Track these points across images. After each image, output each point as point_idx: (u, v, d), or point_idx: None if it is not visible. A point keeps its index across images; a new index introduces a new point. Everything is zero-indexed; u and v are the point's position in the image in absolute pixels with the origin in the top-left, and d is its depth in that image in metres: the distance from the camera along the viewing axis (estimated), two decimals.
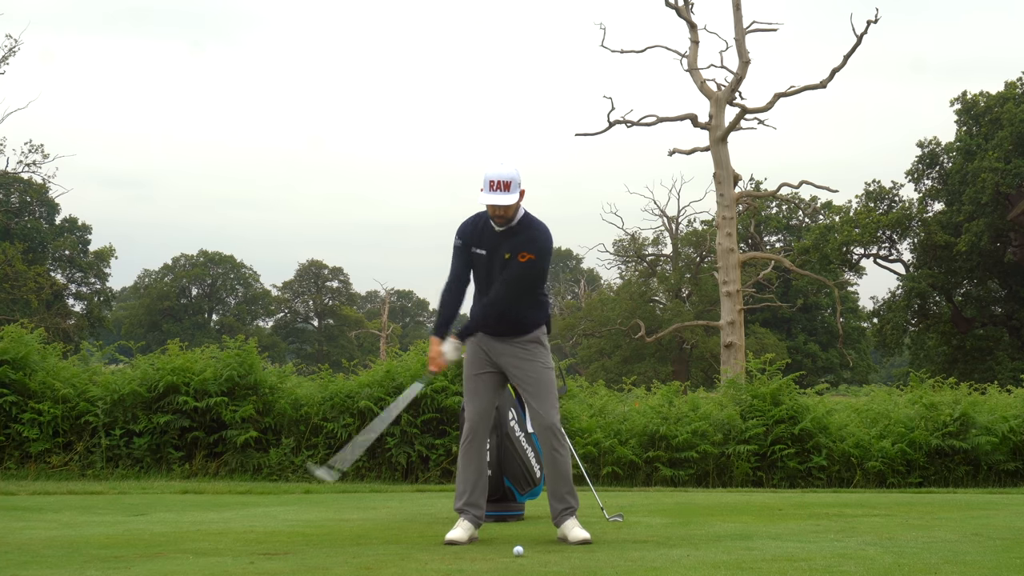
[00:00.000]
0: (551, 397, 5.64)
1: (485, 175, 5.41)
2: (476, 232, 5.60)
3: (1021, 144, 37.79)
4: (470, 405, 5.73)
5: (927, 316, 42.17)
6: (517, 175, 5.42)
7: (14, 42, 40.00)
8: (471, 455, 5.67)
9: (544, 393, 5.63)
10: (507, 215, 5.47)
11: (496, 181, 5.39)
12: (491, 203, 5.41)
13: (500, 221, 5.50)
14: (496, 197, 5.39)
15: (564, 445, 5.65)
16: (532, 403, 5.67)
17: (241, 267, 79.86)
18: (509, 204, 5.40)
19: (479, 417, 5.69)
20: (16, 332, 11.02)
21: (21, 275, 43.97)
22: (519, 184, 5.43)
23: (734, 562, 4.70)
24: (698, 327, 42.88)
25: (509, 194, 5.39)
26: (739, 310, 25.22)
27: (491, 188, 5.40)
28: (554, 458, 5.61)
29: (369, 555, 4.97)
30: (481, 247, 5.58)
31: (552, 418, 5.61)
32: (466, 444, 5.68)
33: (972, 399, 11.65)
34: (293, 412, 10.89)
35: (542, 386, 5.64)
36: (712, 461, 10.83)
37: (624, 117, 26.71)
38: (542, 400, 5.62)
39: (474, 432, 5.68)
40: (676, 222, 53.46)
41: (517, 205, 5.50)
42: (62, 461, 10.41)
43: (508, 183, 5.39)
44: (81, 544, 5.32)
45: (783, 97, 26.00)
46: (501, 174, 5.39)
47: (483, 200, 5.43)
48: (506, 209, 5.44)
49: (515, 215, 5.53)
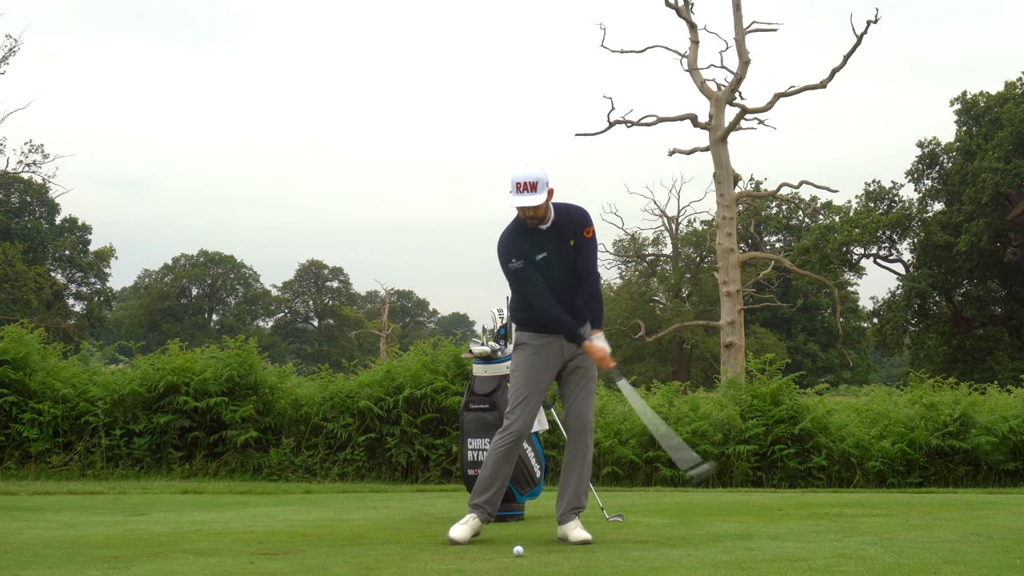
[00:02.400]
0: (594, 394, 5.76)
1: (512, 177, 5.43)
2: (524, 243, 5.55)
3: (1021, 144, 37.77)
4: (525, 410, 5.62)
5: (927, 316, 42.16)
6: (544, 175, 5.43)
7: (14, 42, 40.00)
8: (508, 457, 5.63)
9: (592, 388, 5.74)
10: (537, 215, 5.47)
11: (523, 183, 5.40)
12: (520, 205, 5.42)
13: (532, 222, 5.50)
14: (524, 199, 5.40)
15: (592, 443, 5.72)
16: (577, 397, 5.69)
17: (241, 267, 79.88)
18: (538, 204, 5.41)
19: (528, 425, 5.66)
20: (16, 332, 11.03)
21: (21, 275, 43.94)
22: (547, 184, 5.44)
23: (734, 562, 4.70)
24: (698, 327, 42.90)
25: (537, 194, 5.40)
26: (739, 310, 25.22)
27: (518, 190, 5.41)
28: (584, 454, 5.66)
29: (369, 555, 4.97)
30: (541, 251, 5.55)
31: (591, 415, 5.70)
32: (508, 447, 5.62)
33: (972, 399, 11.65)
34: (293, 412, 10.90)
35: (592, 381, 5.75)
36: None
37: (624, 117, 26.71)
38: (588, 396, 5.70)
39: (520, 436, 5.64)
40: (676, 222, 53.52)
41: (546, 204, 5.50)
42: (62, 461, 10.41)
43: (535, 183, 5.40)
44: (81, 544, 5.32)
45: (783, 97, 26.00)
46: (527, 175, 5.40)
47: (511, 203, 5.44)
48: (536, 209, 5.44)
49: (547, 213, 5.53)
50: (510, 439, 5.62)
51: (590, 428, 5.68)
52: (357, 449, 10.60)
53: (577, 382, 5.69)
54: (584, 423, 5.66)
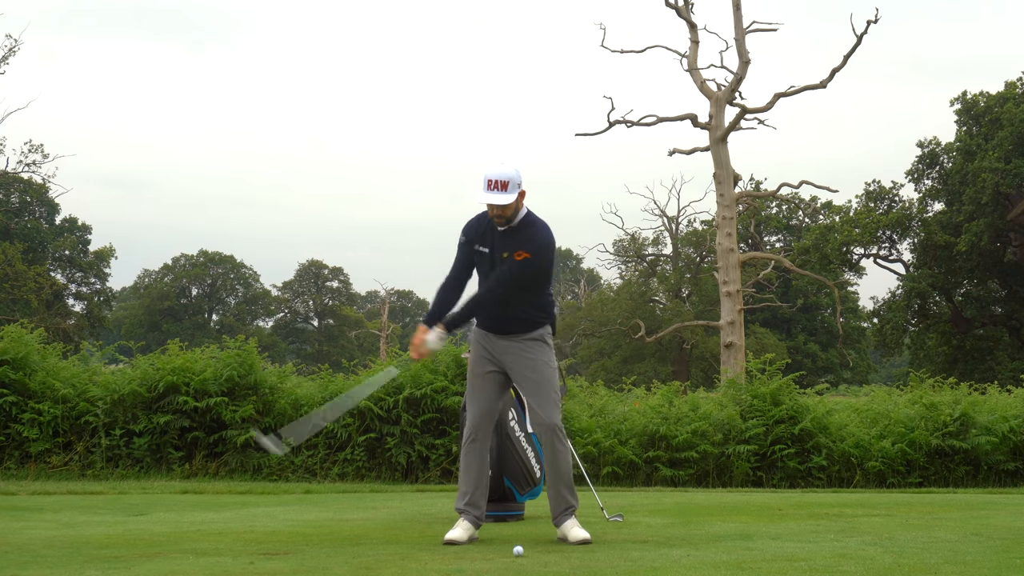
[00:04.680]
0: (552, 396, 5.62)
1: (484, 174, 5.42)
2: (480, 230, 5.61)
3: (1021, 144, 37.76)
4: (473, 405, 5.71)
5: (927, 316, 42.15)
6: (516, 175, 5.41)
7: (14, 42, 40.03)
8: (473, 456, 5.65)
9: (545, 392, 5.61)
10: (504, 214, 5.46)
11: (494, 180, 5.39)
12: (488, 202, 5.42)
13: (499, 221, 5.50)
14: (493, 196, 5.39)
15: (565, 445, 5.64)
16: (533, 402, 5.66)
17: (241, 267, 79.87)
18: (506, 204, 5.39)
19: (482, 417, 5.67)
20: (16, 332, 11.02)
21: (21, 275, 43.93)
22: (518, 184, 5.42)
23: (734, 562, 4.70)
24: (698, 327, 42.89)
25: (506, 194, 5.38)
26: (739, 310, 25.22)
27: (489, 187, 5.40)
28: (555, 458, 5.59)
29: (369, 555, 4.96)
30: (484, 245, 5.59)
31: (553, 417, 5.59)
32: (468, 444, 5.66)
33: (972, 399, 11.65)
34: (293, 412, 10.89)
35: (543, 385, 5.61)
36: (712, 461, 10.83)
37: (624, 117, 26.75)
38: (543, 399, 5.60)
39: (477, 432, 5.66)
40: (676, 222, 53.53)
41: (516, 205, 5.49)
42: (62, 461, 10.41)
43: (506, 183, 5.38)
44: (81, 544, 5.32)
45: (783, 97, 26.04)
46: (499, 174, 5.39)
47: (481, 199, 5.44)
48: (503, 209, 5.43)
49: (515, 215, 5.52)
50: (467, 437, 5.65)
51: (555, 429, 5.58)
52: (357, 449, 10.61)
53: (527, 385, 5.64)
54: (547, 427, 5.59)
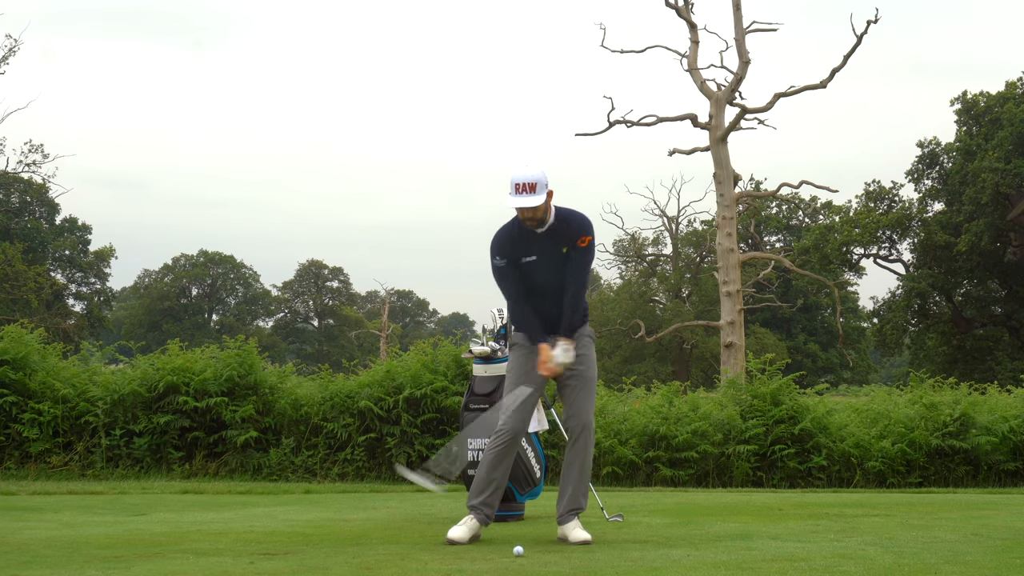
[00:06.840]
0: (593, 395, 5.69)
1: (511, 178, 5.41)
2: (514, 244, 5.55)
3: (1021, 144, 37.78)
4: (516, 413, 5.59)
5: (927, 316, 42.17)
6: (543, 176, 5.42)
7: (14, 42, 40.09)
8: (502, 457, 5.60)
9: (590, 390, 5.67)
10: (536, 216, 5.45)
11: (522, 184, 5.38)
12: (519, 206, 5.40)
13: (531, 224, 5.48)
14: (523, 200, 5.38)
15: (592, 444, 5.69)
16: (576, 397, 5.64)
17: (241, 267, 79.88)
18: (537, 205, 5.38)
19: (522, 423, 5.63)
20: (16, 332, 11.02)
21: (21, 275, 43.97)
22: (546, 185, 5.42)
23: (734, 562, 4.70)
24: (698, 327, 42.91)
25: (536, 196, 5.38)
26: (739, 310, 25.21)
27: (517, 191, 5.40)
28: (583, 455, 5.63)
29: (369, 555, 4.96)
30: (529, 254, 5.54)
31: (591, 416, 5.65)
32: (502, 447, 5.58)
33: (972, 399, 11.65)
34: (293, 412, 10.90)
35: (591, 383, 5.68)
36: (712, 461, 10.83)
37: (624, 117, 26.70)
38: (587, 396, 5.64)
39: (514, 436, 5.60)
40: (676, 222, 53.54)
41: (546, 206, 5.48)
42: (62, 461, 10.41)
43: (534, 184, 5.38)
44: (81, 544, 5.32)
45: (783, 97, 25.99)
46: (526, 176, 5.38)
47: (511, 203, 5.42)
48: (535, 211, 5.42)
49: (547, 215, 5.51)
50: (504, 439, 5.60)
51: (590, 429, 5.65)
52: (357, 449, 10.60)
53: (575, 383, 5.65)
54: (583, 424, 5.63)
